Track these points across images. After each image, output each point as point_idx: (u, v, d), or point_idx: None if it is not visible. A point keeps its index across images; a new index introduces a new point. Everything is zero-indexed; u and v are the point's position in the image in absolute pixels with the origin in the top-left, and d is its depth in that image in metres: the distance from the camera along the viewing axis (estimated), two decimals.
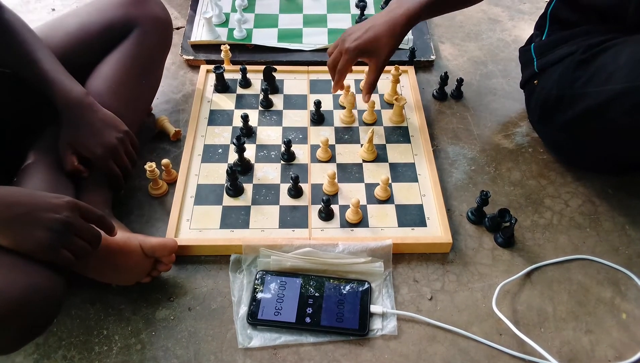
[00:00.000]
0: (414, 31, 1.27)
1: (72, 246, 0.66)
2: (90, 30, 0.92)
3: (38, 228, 0.63)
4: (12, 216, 0.63)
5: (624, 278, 0.86)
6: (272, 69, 1.09)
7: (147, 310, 0.80)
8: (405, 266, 0.86)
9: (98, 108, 0.84)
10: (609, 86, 0.82)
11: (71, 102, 0.81)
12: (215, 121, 1.06)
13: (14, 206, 0.63)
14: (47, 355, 0.75)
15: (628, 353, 0.77)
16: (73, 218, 0.66)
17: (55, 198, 0.66)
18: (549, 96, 0.93)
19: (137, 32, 0.94)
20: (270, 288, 0.81)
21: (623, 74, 0.80)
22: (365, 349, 0.77)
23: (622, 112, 0.81)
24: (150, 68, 0.99)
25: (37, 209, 0.64)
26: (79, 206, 0.68)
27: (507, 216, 0.89)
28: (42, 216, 0.64)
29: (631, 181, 1.00)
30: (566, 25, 0.97)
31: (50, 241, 0.63)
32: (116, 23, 0.93)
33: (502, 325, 0.79)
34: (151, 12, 0.96)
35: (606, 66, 0.83)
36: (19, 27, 0.82)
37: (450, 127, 1.10)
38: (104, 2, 0.95)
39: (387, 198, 0.93)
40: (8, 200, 0.63)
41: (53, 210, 0.64)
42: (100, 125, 0.84)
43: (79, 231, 0.66)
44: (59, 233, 0.64)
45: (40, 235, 0.63)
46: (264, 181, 0.96)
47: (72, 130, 0.83)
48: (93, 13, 0.94)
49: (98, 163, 0.85)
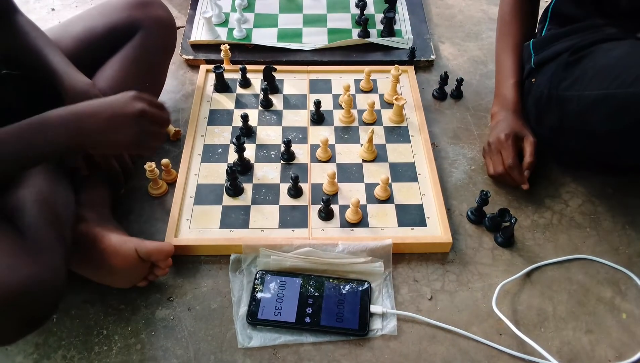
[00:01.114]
0: (414, 31, 1.27)
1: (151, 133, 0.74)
2: (95, 34, 0.93)
3: (123, 126, 0.71)
4: (100, 122, 0.70)
5: (624, 278, 0.86)
6: (272, 69, 1.08)
7: (146, 310, 0.80)
8: (405, 266, 0.86)
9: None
10: (587, 91, 0.82)
11: (77, 93, 0.82)
12: (215, 121, 1.06)
13: (97, 115, 0.70)
14: (46, 355, 0.75)
15: (628, 353, 0.77)
16: (146, 107, 0.73)
17: (122, 97, 0.73)
18: (542, 95, 0.93)
19: (140, 34, 0.95)
20: (270, 288, 0.81)
21: (600, 79, 0.80)
22: (365, 349, 0.77)
23: (600, 119, 0.81)
24: (154, 70, 0.99)
25: (115, 111, 0.71)
26: (142, 97, 0.74)
27: (507, 216, 0.88)
28: (123, 114, 0.71)
29: (631, 181, 1.00)
30: (566, 20, 0.97)
31: (136, 134, 0.72)
32: (120, 26, 0.94)
33: (502, 325, 0.79)
34: (155, 15, 0.97)
35: (587, 71, 0.84)
36: (30, 28, 0.85)
37: (450, 127, 1.10)
38: (108, 5, 0.96)
39: (387, 197, 0.93)
40: (88, 110, 0.70)
41: (128, 106, 0.72)
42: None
43: (152, 117, 0.74)
44: (139, 123, 0.72)
45: (127, 130, 0.71)
46: (264, 180, 0.96)
47: None
48: (97, 17, 0.95)
49: (101, 159, 0.85)
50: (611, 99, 0.78)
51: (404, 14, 1.33)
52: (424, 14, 1.34)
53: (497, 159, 0.95)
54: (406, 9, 1.34)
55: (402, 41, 1.23)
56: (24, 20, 0.85)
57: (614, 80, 0.78)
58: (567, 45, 0.91)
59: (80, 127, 0.69)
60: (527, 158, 0.92)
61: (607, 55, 0.83)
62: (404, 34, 1.26)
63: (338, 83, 1.14)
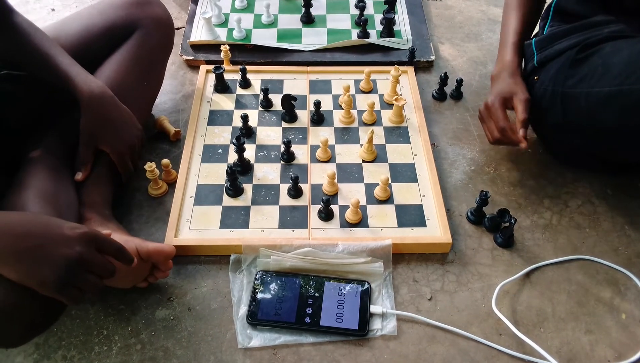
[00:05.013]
0: (414, 32, 1.28)
1: (82, 283, 0.62)
2: (93, 32, 0.93)
3: (46, 265, 0.59)
4: (21, 249, 0.58)
5: (624, 278, 0.86)
6: (293, 98, 1.03)
7: (146, 310, 0.80)
8: (404, 267, 0.87)
9: (119, 103, 0.86)
10: (598, 87, 0.82)
11: (95, 95, 0.82)
12: (215, 121, 1.06)
13: (24, 238, 0.59)
14: (47, 355, 0.75)
15: (627, 353, 0.77)
16: (87, 253, 0.61)
17: (70, 229, 0.62)
18: (545, 93, 0.93)
19: (138, 33, 0.95)
20: (270, 288, 0.81)
21: (613, 76, 0.80)
22: (365, 349, 0.77)
23: (611, 115, 0.81)
24: (152, 69, 0.99)
25: (48, 243, 0.60)
26: (95, 238, 0.63)
27: (506, 217, 0.89)
28: (53, 251, 0.59)
29: (630, 181, 1.00)
30: (569, 17, 0.97)
31: (58, 280, 0.59)
32: (118, 25, 0.94)
33: (501, 325, 0.79)
34: (153, 14, 0.96)
35: (597, 68, 0.84)
36: (31, 28, 0.84)
37: (449, 127, 1.10)
38: (106, 4, 0.96)
39: (386, 198, 0.93)
40: (19, 231, 0.59)
41: (66, 244, 0.60)
42: (121, 121, 0.86)
43: (91, 267, 0.62)
44: (68, 271, 0.60)
45: (48, 273, 0.59)
46: (264, 181, 0.96)
47: (96, 123, 0.84)
48: (95, 15, 0.95)
49: (116, 158, 0.86)
50: (626, 95, 0.78)
51: (403, 14, 1.33)
52: (424, 14, 1.34)
53: (491, 125, 0.95)
54: (406, 10, 1.34)
55: (401, 42, 1.24)
56: (23, 21, 0.84)
57: (629, 76, 0.78)
58: (571, 43, 0.91)
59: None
60: (519, 115, 0.92)
61: (618, 52, 0.83)
62: (403, 35, 1.26)
63: (338, 84, 1.14)
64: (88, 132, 0.84)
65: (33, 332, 0.67)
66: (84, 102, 0.82)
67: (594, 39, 0.88)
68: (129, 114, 0.88)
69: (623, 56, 0.81)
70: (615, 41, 0.86)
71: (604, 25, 0.90)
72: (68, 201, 0.79)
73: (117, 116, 0.86)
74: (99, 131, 0.84)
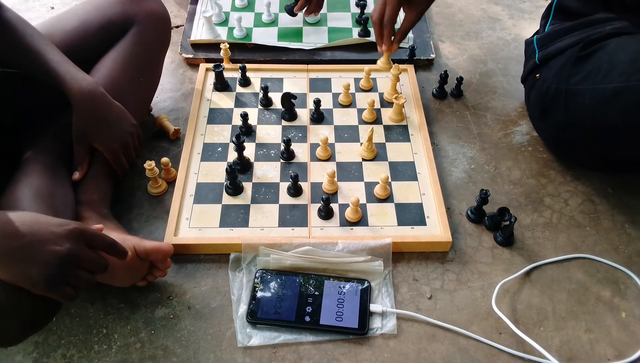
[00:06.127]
0: (414, 30, 1.27)
1: (73, 280, 0.61)
2: (89, 28, 0.92)
3: (36, 264, 0.58)
4: (9, 249, 0.58)
5: (624, 277, 0.86)
6: (292, 96, 1.03)
7: (146, 309, 0.80)
8: (404, 265, 0.86)
9: (110, 100, 0.85)
10: (603, 84, 0.82)
11: (85, 93, 0.81)
12: (214, 120, 1.06)
13: (12, 238, 0.58)
14: (46, 354, 0.75)
15: (627, 352, 0.77)
16: (77, 249, 0.61)
17: (58, 226, 0.61)
18: (548, 90, 0.93)
19: (135, 29, 0.94)
20: (270, 287, 0.81)
21: (618, 72, 0.80)
22: (365, 348, 0.77)
23: (616, 111, 0.81)
24: (150, 65, 0.99)
25: (36, 242, 0.59)
26: (84, 234, 0.63)
27: (506, 215, 0.88)
28: (42, 249, 0.58)
29: (631, 180, 1.00)
30: (570, 15, 0.96)
31: (49, 278, 0.59)
32: (114, 20, 0.93)
33: (501, 323, 0.79)
34: (149, 9, 0.96)
35: (602, 64, 0.83)
36: (21, 24, 0.82)
37: (450, 126, 1.10)
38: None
39: (386, 196, 0.93)
40: (7, 230, 0.58)
41: (55, 242, 0.59)
42: (114, 118, 0.85)
43: (82, 263, 0.62)
44: (58, 269, 0.59)
45: (37, 271, 0.58)
46: (264, 179, 0.96)
47: (87, 121, 0.83)
48: (91, 11, 0.94)
49: (110, 155, 0.86)
50: (631, 92, 0.78)
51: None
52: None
53: (379, 7, 0.94)
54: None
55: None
56: (13, 16, 0.82)
57: (635, 72, 0.78)
58: (573, 40, 0.91)
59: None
60: (402, 24, 0.92)
61: (624, 48, 0.82)
62: None
63: (338, 82, 1.14)
64: (80, 130, 0.83)
65: (29, 330, 0.67)
66: (74, 100, 0.81)
67: (596, 36, 0.88)
68: (122, 110, 0.87)
69: (628, 52, 0.81)
70: (620, 38, 0.85)
71: (606, 22, 0.89)
72: (64, 200, 0.78)
73: (109, 113, 0.84)
74: (91, 129, 0.83)
